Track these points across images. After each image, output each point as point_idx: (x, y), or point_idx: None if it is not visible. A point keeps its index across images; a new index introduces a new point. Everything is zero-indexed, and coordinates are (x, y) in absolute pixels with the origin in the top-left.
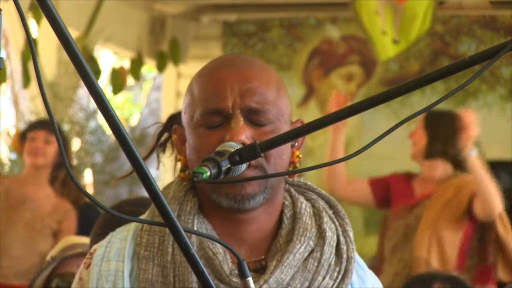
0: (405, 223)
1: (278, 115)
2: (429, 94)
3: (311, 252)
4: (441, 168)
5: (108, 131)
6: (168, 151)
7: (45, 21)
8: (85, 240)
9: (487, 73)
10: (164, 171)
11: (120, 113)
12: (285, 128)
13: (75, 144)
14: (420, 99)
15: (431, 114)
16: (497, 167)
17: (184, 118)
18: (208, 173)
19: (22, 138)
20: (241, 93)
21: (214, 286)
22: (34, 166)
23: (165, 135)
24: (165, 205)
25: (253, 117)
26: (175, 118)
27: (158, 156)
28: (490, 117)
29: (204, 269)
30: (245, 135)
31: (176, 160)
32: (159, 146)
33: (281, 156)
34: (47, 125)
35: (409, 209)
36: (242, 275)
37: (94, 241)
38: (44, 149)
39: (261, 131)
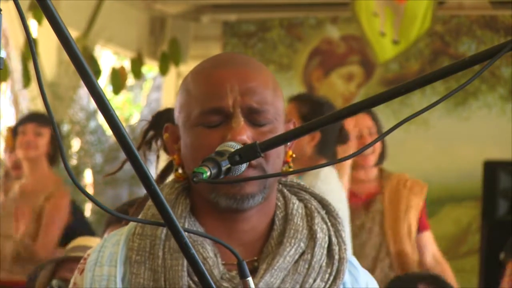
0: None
1: (276, 115)
2: (429, 94)
3: (302, 254)
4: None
5: (108, 131)
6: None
7: (45, 21)
8: (95, 242)
9: (487, 73)
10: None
11: (120, 113)
12: (281, 128)
13: (75, 144)
14: (420, 99)
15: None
16: (497, 167)
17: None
18: (208, 173)
19: (14, 134)
20: (242, 92)
21: (214, 286)
22: (27, 159)
23: (151, 133)
24: (165, 205)
25: (253, 116)
26: (161, 116)
27: (144, 154)
28: (490, 117)
29: (204, 269)
30: (246, 134)
31: (171, 159)
32: (144, 143)
33: (278, 156)
34: (36, 118)
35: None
36: (242, 275)
37: (107, 226)
38: (35, 142)
39: (260, 131)
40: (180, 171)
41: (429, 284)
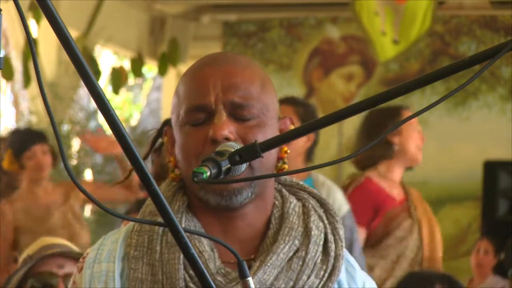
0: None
1: (263, 109)
2: (429, 94)
3: (296, 251)
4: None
5: (108, 131)
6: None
7: (45, 21)
8: (62, 241)
9: (487, 73)
10: None
11: (120, 113)
12: (270, 123)
13: (75, 144)
14: (420, 99)
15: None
16: (497, 167)
17: (172, 119)
18: (208, 173)
19: (17, 158)
20: (224, 88)
21: (214, 286)
22: (39, 179)
23: (160, 140)
24: (165, 205)
25: (237, 111)
26: (169, 123)
27: (152, 161)
28: (490, 117)
29: (204, 269)
30: (228, 130)
31: (167, 161)
32: (153, 151)
33: (269, 151)
34: (37, 137)
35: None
36: (242, 275)
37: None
38: (46, 162)
39: (245, 125)
40: (176, 172)
41: (445, 284)
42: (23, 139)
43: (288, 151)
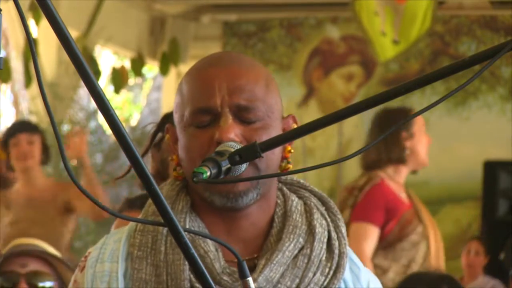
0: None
1: (268, 111)
2: (429, 94)
3: (301, 249)
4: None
5: (108, 131)
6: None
7: (45, 21)
8: (35, 241)
9: (487, 73)
10: None
11: (120, 113)
12: (275, 124)
13: None
14: (420, 99)
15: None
16: (497, 167)
17: (175, 118)
18: (208, 173)
19: (4, 146)
20: (229, 90)
21: (214, 286)
22: (25, 169)
23: (159, 135)
24: (165, 205)
25: (242, 114)
26: (168, 118)
27: (152, 156)
28: (490, 117)
29: (204, 269)
30: (234, 133)
31: (170, 159)
32: (153, 146)
33: (273, 152)
34: (25, 126)
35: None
36: (242, 275)
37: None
38: (30, 151)
39: (251, 128)
40: (178, 170)
41: (450, 285)
42: (12, 128)
43: (292, 151)
